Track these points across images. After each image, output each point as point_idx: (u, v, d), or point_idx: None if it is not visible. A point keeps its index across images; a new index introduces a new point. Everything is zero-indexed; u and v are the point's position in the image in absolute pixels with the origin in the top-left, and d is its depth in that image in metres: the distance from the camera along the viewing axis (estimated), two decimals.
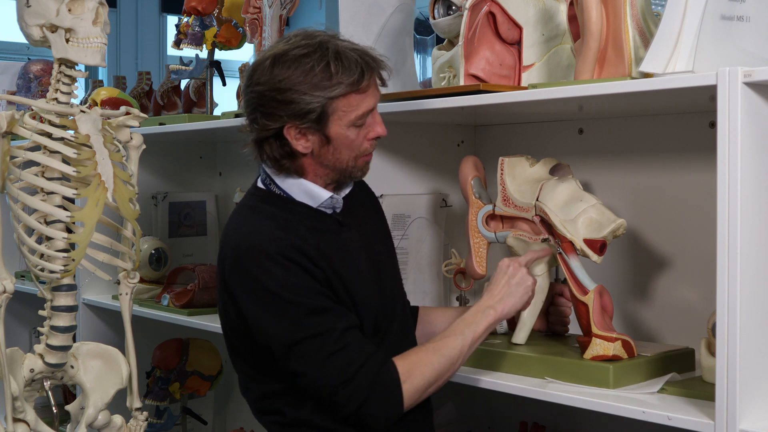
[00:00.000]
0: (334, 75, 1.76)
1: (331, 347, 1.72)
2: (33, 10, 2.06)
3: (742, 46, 1.63)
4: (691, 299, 2.11)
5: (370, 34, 2.36)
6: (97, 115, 2.16)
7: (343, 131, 1.80)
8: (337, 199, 1.89)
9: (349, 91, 1.77)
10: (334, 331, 1.73)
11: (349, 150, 1.83)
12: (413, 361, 1.77)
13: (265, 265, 1.75)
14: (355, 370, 1.71)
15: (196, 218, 3.37)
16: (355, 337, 1.76)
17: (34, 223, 2.08)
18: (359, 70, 1.77)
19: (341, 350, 1.72)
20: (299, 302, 1.74)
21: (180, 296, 2.89)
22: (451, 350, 1.78)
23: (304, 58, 1.77)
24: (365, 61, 1.79)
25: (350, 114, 1.79)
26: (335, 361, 1.72)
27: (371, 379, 1.72)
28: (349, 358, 1.72)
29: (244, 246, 1.80)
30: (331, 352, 1.72)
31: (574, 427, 2.35)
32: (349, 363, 1.72)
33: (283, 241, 1.77)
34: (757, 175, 1.53)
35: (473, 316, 1.83)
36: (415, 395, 1.76)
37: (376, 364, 1.73)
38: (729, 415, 1.51)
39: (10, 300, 2.10)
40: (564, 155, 2.17)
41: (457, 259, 2.34)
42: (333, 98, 1.77)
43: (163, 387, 3.08)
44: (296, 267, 1.75)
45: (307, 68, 1.76)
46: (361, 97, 1.79)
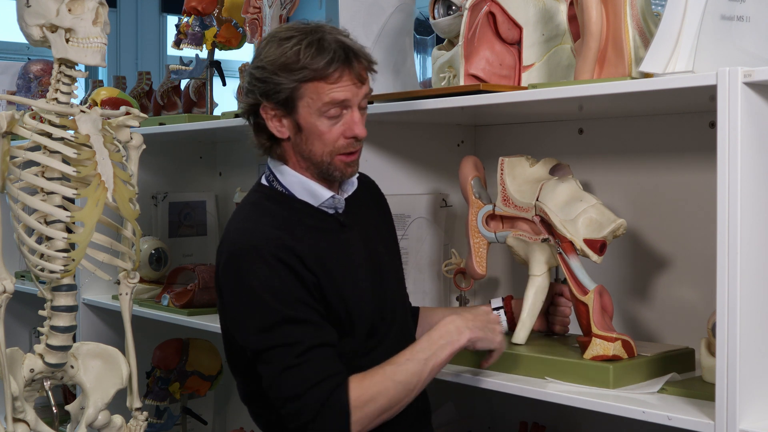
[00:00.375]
0: (302, 59, 1.76)
1: (290, 360, 1.72)
2: (33, 10, 2.06)
3: (742, 46, 1.63)
4: (691, 299, 2.11)
5: (370, 34, 2.36)
6: (97, 115, 2.16)
7: (313, 120, 1.80)
8: (339, 200, 1.89)
9: (313, 77, 1.76)
10: (300, 345, 1.73)
11: (321, 143, 1.81)
12: (369, 386, 1.73)
13: (255, 265, 1.76)
14: (306, 389, 1.71)
15: (196, 218, 3.37)
16: (320, 355, 1.74)
17: (34, 223, 2.08)
18: (328, 59, 1.76)
19: (299, 366, 1.72)
20: (277, 309, 1.74)
21: (180, 296, 2.89)
22: (409, 377, 1.75)
23: (286, 41, 1.79)
24: (344, 53, 1.78)
25: (317, 102, 1.78)
26: (290, 375, 1.72)
27: (320, 401, 1.70)
28: (305, 375, 1.72)
29: (239, 244, 1.81)
30: (289, 366, 1.72)
31: (574, 427, 2.35)
32: (302, 380, 1.71)
33: (278, 241, 1.77)
34: (757, 175, 1.53)
35: (441, 338, 1.78)
36: (365, 422, 1.73)
37: (330, 386, 1.71)
38: (729, 415, 1.51)
39: (10, 300, 2.10)
40: (564, 155, 2.17)
41: (457, 259, 2.34)
42: (299, 82, 1.77)
43: (163, 387, 3.08)
44: (286, 270, 1.76)
45: (284, 50, 1.78)
46: (329, 87, 1.77)
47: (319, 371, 1.72)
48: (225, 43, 3.04)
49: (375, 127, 2.33)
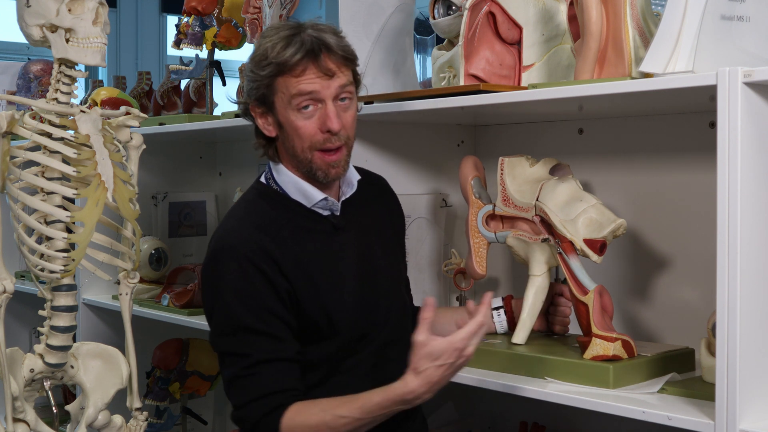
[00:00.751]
0: (270, 54, 1.78)
1: (238, 371, 1.77)
2: (33, 10, 2.06)
3: (742, 46, 1.63)
4: (691, 299, 2.11)
5: (370, 34, 2.36)
6: (97, 115, 2.16)
7: (288, 115, 1.81)
8: (333, 202, 1.88)
9: (279, 71, 1.78)
10: (250, 358, 1.76)
11: (299, 138, 1.81)
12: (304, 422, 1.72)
13: (229, 266, 1.79)
14: (246, 402, 1.76)
15: (196, 218, 3.37)
16: (268, 370, 1.76)
17: (34, 223, 2.08)
18: (291, 52, 1.77)
19: (246, 377, 1.76)
20: (239, 314, 1.77)
21: (180, 296, 2.89)
22: (344, 426, 1.71)
23: (264, 39, 1.82)
24: (311, 45, 1.77)
25: (287, 95, 1.79)
26: (237, 384, 1.78)
27: (257, 417, 1.75)
28: (248, 388, 1.76)
29: (221, 243, 1.84)
30: (238, 375, 1.77)
31: (574, 427, 2.35)
32: (245, 392, 1.77)
33: (257, 244, 1.79)
34: (757, 175, 1.53)
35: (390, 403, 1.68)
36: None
37: (268, 405, 1.74)
38: (729, 415, 1.51)
39: (10, 300, 2.10)
40: (564, 155, 2.17)
41: (457, 259, 2.34)
42: (270, 77, 1.79)
43: (163, 387, 3.08)
44: (259, 275, 1.77)
45: (259, 47, 1.82)
46: (295, 80, 1.78)
47: (261, 387, 1.75)
48: (225, 43, 3.04)
49: (375, 127, 2.34)
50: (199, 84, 3.23)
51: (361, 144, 2.33)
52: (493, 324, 2.11)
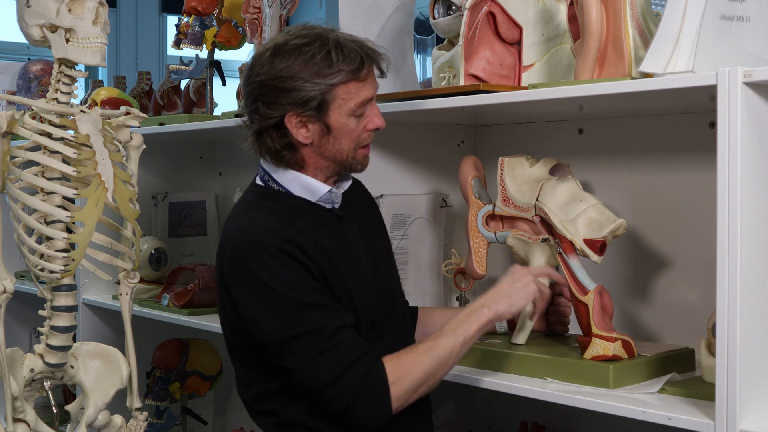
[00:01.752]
0: (335, 63, 1.78)
1: (322, 345, 1.72)
2: (33, 10, 2.06)
3: (742, 46, 1.63)
4: (691, 299, 2.11)
5: (370, 34, 2.36)
6: (97, 115, 2.16)
7: (343, 120, 1.81)
8: (336, 194, 1.90)
9: (349, 79, 1.79)
10: (327, 329, 1.73)
11: (348, 140, 1.84)
12: (404, 362, 1.75)
13: (263, 259, 1.76)
14: (343, 370, 1.71)
15: (196, 218, 3.37)
16: (348, 335, 1.75)
17: (34, 223, 2.08)
18: (359, 59, 1.80)
19: (332, 349, 1.72)
20: (294, 298, 1.74)
21: (180, 296, 2.89)
22: (442, 351, 1.76)
23: (304, 47, 1.79)
24: (364, 50, 1.82)
25: (350, 102, 1.80)
26: (325, 359, 1.72)
27: (359, 379, 1.71)
28: (339, 357, 1.71)
29: (242, 241, 1.80)
30: (322, 351, 1.72)
31: (574, 427, 2.35)
32: (338, 362, 1.71)
33: (281, 234, 1.78)
34: (757, 175, 1.53)
35: (467, 316, 1.81)
36: (404, 397, 1.74)
37: (365, 364, 1.72)
38: (729, 415, 1.51)
39: (10, 300, 2.10)
40: (564, 155, 2.17)
41: (457, 259, 2.34)
42: (334, 86, 1.79)
43: (163, 387, 3.08)
44: (292, 261, 1.76)
45: (307, 57, 1.78)
46: (360, 86, 1.81)
47: (351, 351, 1.72)
48: (225, 43, 3.04)
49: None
50: (199, 84, 3.23)
51: None
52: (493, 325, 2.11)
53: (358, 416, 1.72)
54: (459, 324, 1.79)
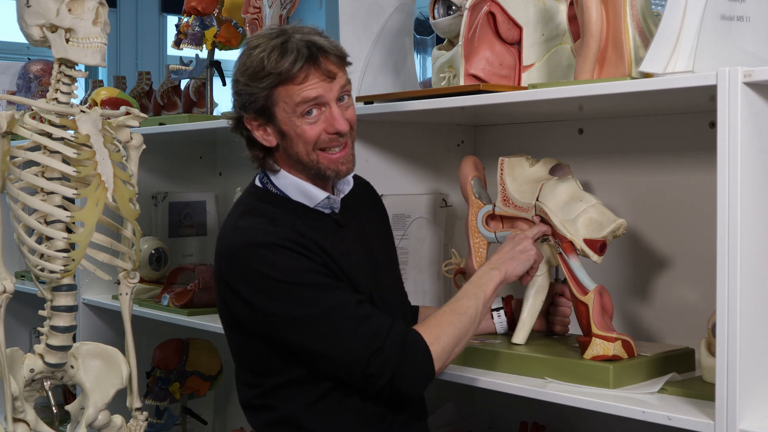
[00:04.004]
0: (267, 65, 1.76)
1: (351, 321, 1.71)
2: (33, 10, 2.06)
3: (742, 46, 1.63)
4: (691, 299, 2.11)
5: (370, 34, 2.36)
6: (97, 115, 2.16)
7: (292, 122, 1.80)
8: (335, 200, 1.89)
9: (280, 81, 1.77)
10: (349, 305, 1.73)
11: (303, 143, 1.81)
12: (435, 324, 1.77)
13: (263, 257, 1.75)
14: (383, 339, 1.71)
15: (196, 218, 3.37)
16: (372, 307, 1.76)
17: (34, 223, 2.08)
18: (291, 60, 1.76)
19: (363, 321, 1.71)
20: (305, 283, 1.73)
21: (180, 296, 2.88)
22: (467, 309, 1.80)
23: (253, 49, 1.80)
24: (308, 51, 1.77)
25: (290, 104, 1.78)
26: (360, 332, 1.71)
27: (400, 345, 1.71)
28: (374, 328, 1.71)
29: (238, 243, 1.80)
30: (355, 325, 1.71)
31: (574, 427, 2.35)
32: (375, 333, 1.71)
33: (279, 233, 1.78)
34: (757, 175, 1.53)
35: (480, 278, 1.85)
36: (444, 356, 1.76)
37: (401, 330, 1.74)
38: (729, 415, 1.51)
39: (10, 300, 2.10)
40: (564, 155, 2.17)
41: (457, 259, 2.34)
42: (269, 89, 1.77)
43: (163, 387, 3.08)
44: (293, 253, 1.75)
45: (252, 59, 1.79)
46: (298, 88, 1.77)
47: (383, 321, 1.74)
48: (225, 43, 3.04)
49: (375, 127, 2.34)
50: (199, 84, 3.23)
51: (361, 144, 2.33)
52: (493, 324, 2.11)
53: (406, 382, 1.72)
54: (476, 286, 1.83)
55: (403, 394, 1.75)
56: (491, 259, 1.90)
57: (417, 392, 1.79)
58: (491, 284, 1.84)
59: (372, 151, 2.37)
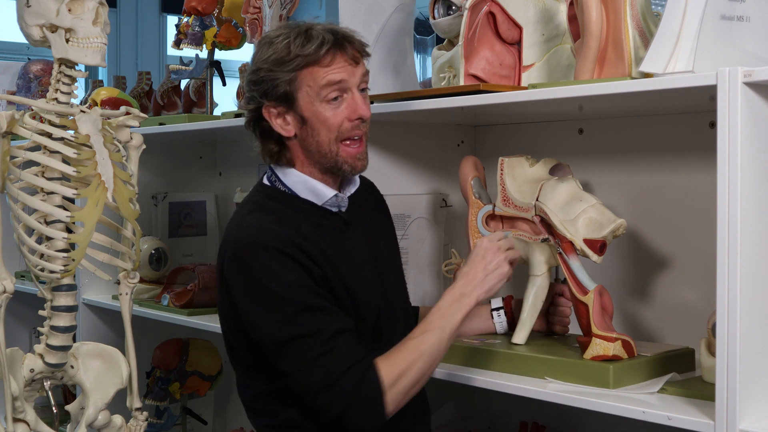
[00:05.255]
0: (293, 50, 1.78)
1: (318, 349, 1.70)
2: (33, 10, 2.06)
3: (742, 46, 1.63)
4: (691, 299, 2.11)
5: (370, 34, 2.36)
6: (97, 115, 2.15)
7: (315, 108, 1.80)
8: (342, 198, 1.89)
9: (306, 63, 1.78)
10: (324, 333, 1.71)
11: (326, 130, 1.81)
12: (397, 364, 1.72)
13: (263, 260, 1.75)
14: (338, 376, 1.69)
15: (196, 218, 3.37)
16: (346, 341, 1.73)
17: (34, 223, 2.08)
18: (318, 43, 1.77)
19: (328, 353, 1.70)
20: (293, 299, 1.73)
21: (180, 296, 2.89)
22: (431, 347, 1.75)
23: (276, 38, 1.81)
24: (333, 36, 1.79)
25: (315, 87, 1.79)
26: (320, 363, 1.70)
27: (354, 386, 1.69)
28: (334, 362, 1.69)
29: (244, 241, 1.79)
30: (318, 354, 1.70)
31: (574, 427, 2.35)
32: (333, 367, 1.69)
33: (283, 236, 1.77)
34: (757, 175, 1.53)
35: (449, 307, 1.79)
36: (399, 399, 1.73)
37: (360, 371, 1.70)
38: (729, 415, 1.51)
39: (10, 300, 2.10)
40: (564, 155, 2.17)
41: (457, 259, 2.34)
42: (293, 71, 1.78)
43: (163, 387, 3.08)
44: (294, 263, 1.75)
45: (275, 47, 1.80)
46: (323, 70, 1.78)
47: (347, 357, 1.70)
48: (225, 43, 3.04)
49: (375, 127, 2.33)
50: (199, 84, 3.23)
51: None
52: (493, 324, 2.11)
53: (353, 422, 1.71)
54: (443, 317, 1.78)
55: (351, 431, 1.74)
56: (461, 282, 1.81)
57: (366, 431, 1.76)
58: (459, 314, 1.78)
59: (372, 151, 2.34)
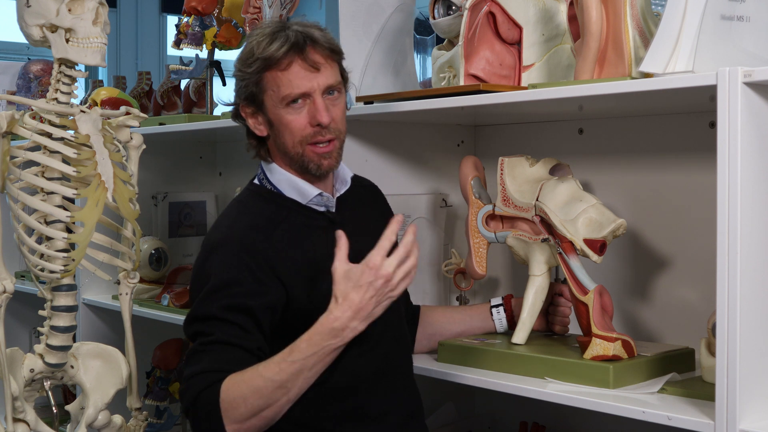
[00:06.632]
0: (255, 51, 1.79)
1: (197, 346, 1.75)
2: (33, 10, 2.06)
3: (742, 46, 1.63)
4: (691, 299, 2.11)
5: (370, 34, 2.36)
6: (97, 115, 2.16)
7: (279, 112, 1.81)
8: (328, 197, 1.89)
9: (266, 66, 1.79)
10: (211, 336, 1.73)
11: (290, 134, 1.82)
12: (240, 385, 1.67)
13: (218, 259, 1.78)
14: (194, 373, 1.72)
15: (196, 218, 3.37)
16: (227, 351, 1.72)
17: (34, 223, 2.08)
18: (277, 46, 1.77)
19: (200, 352, 1.74)
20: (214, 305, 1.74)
21: (180, 296, 2.89)
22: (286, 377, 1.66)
23: (251, 38, 1.83)
24: (296, 39, 1.78)
25: (277, 92, 1.80)
26: (191, 358, 1.75)
27: (196, 393, 1.70)
28: (200, 362, 1.72)
29: (212, 240, 1.84)
30: (194, 351, 1.75)
31: (574, 427, 2.35)
32: (196, 365, 1.73)
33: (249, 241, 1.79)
34: (757, 175, 1.53)
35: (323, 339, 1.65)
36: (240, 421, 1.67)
37: (209, 380, 1.69)
38: (729, 415, 1.51)
39: (10, 300, 2.10)
40: (564, 155, 2.17)
41: (457, 259, 2.34)
42: (257, 74, 1.79)
43: (163, 387, 3.08)
44: (245, 271, 1.75)
45: (246, 46, 1.83)
46: (283, 75, 1.79)
47: (212, 362, 1.72)
48: (225, 43, 3.04)
49: (375, 127, 2.34)
50: (199, 84, 3.23)
51: (361, 144, 2.34)
52: (492, 323, 2.11)
53: (193, 423, 1.74)
54: (312, 346, 1.66)
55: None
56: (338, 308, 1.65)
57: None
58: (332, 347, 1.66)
59: (372, 151, 2.37)
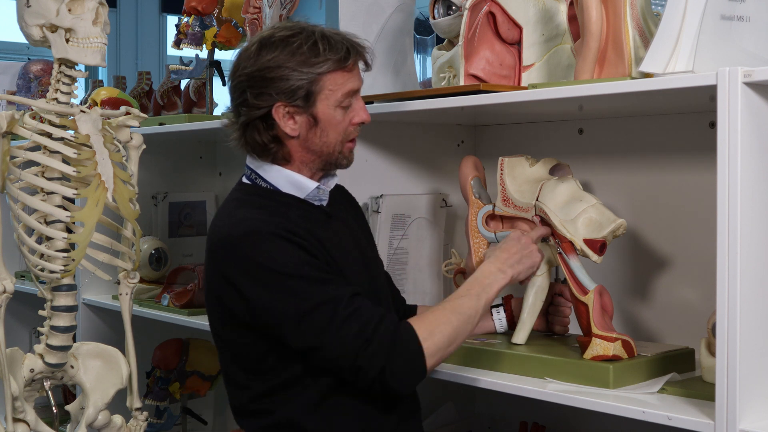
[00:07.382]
0: (322, 52, 1.80)
1: (342, 312, 1.70)
2: (33, 10, 2.06)
3: (742, 46, 1.63)
4: (691, 299, 2.11)
5: (370, 34, 2.36)
6: (97, 115, 2.16)
7: (330, 111, 1.83)
8: (324, 190, 1.91)
9: (336, 68, 1.81)
10: (342, 298, 1.71)
11: (335, 133, 1.85)
12: (431, 319, 1.76)
13: (262, 247, 1.75)
14: (372, 330, 1.69)
15: (196, 218, 3.37)
16: (364, 301, 1.74)
17: (34, 223, 2.08)
18: (345, 49, 1.82)
19: (353, 314, 1.70)
20: (300, 275, 1.73)
21: (180, 296, 2.89)
22: (467, 309, 1.79)
23: (290, 38, 1.81)
24: (350, 43, 1.84)
25: (336, 92, 1.82)
26: (351, 324, 1.70)
27: (390, 337, 1.70)
28: (364, 320, 1.70)
29: (236, 233, 1.79)
30: (344, 318, 1.70)
31: (574, 427, 2.35)
32: (365, 324, 1.70)
33: (275, 222, 1.78)
34: (757, 175, 1.53)
35: (486, 278, 1.84)
36: (436, 353, 1.73)
37: (392, 322, 1.72)
38: (729, 415, 1.51)
39: (10, 300, 2.10)
40: (564, 155, 2.17)
41: (457, 259, 2.34)
42: (321, 74, 1.80)
43: (163, 387, 3.08)
44: (289, 244, 1.75)
45: (294, 47, 1.80)
46: (347, 76, 1.82)
47: (374, 313, 1.72)
48: (225, 43, 3.04)
49: (375, 127, 2.34)
50: (199, 84, 3.23)
51: (361, 144, 2.33)
52: (492, 323, 2.11)
53: (396, 376, 1.70)
54: (481, 287, 1.82)
55: (392, 389, 1.73)
56: (497, 257, 1.88)
57: (407, 388, 1.76)
58: (495, 286, 1.84)
59: (372, 151, 2.37)
